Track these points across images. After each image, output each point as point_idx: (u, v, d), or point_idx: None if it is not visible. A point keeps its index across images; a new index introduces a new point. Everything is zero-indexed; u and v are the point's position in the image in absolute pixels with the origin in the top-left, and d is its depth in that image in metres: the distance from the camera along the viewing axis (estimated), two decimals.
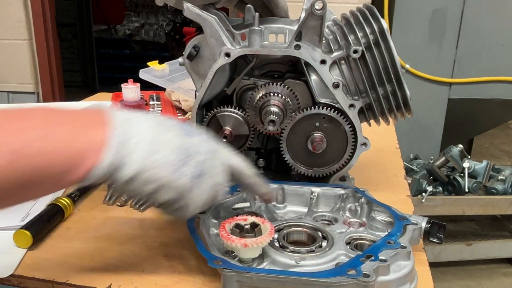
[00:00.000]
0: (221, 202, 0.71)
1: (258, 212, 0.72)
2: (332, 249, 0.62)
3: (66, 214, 0.77)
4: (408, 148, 2.47)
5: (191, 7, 0.76)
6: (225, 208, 0.72)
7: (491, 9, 2.31)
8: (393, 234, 0.61)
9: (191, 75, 0.83)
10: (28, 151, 0.45)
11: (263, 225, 0.61)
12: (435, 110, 2.47)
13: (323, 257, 0.60)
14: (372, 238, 0.65)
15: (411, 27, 2.35)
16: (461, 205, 2.28)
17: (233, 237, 0.57)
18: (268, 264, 0.60)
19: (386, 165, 1.03)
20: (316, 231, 0.67)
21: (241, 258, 0.58)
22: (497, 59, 2.38)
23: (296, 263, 0.59)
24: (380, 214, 0.70)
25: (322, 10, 0.72)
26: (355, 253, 0.61)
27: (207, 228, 0.66)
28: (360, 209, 0.72)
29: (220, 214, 0.71)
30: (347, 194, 0.74)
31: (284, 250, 0.62)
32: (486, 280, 2.41)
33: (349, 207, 0.74)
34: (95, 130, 0.49)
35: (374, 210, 0.70)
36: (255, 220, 0.61)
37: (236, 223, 0.61)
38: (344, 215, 0.73)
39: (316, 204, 0.75)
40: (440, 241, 0.65)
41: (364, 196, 0.72)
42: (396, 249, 0.58)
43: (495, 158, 3.62)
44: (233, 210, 0.72)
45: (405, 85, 0.78)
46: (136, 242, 0.72)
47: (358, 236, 0.66)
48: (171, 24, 4.87)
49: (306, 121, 0.78)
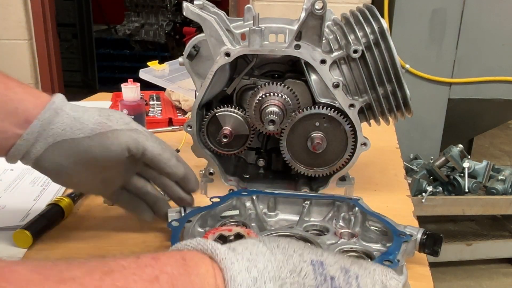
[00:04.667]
0: (209, 210, 0.68)
1: (247, 220, 0.70)
2: None
3: (66, 214, 0.77)
4: (408, 148, 2.47)
5: (191, 6, 0.76)
6: (213, 216, 0.69)
7: (491, 9, 2.31)
8: (391, 253, 0.57)
9: (191, 75, 0.83)
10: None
11: (248, 236, 0.57)
12: (435, 110, 2.47)
13: None
14: (364, 250, 0.62)
15: (411, 27, 2.35)
16: (461, 205, 2.28)
17: None
18: None
19: (386, 165, 1.03)
20: (306, 241, 0.63)
21: None
22: (497, 59, 2.38)
23: None
24: (374, 224, 0.68)
25: (322, 10, 0.72)
26: None
27: (192, 237, 0.63)
28: (354, 218, 0.70)
29: (207, 223, 0.68)
30: (341, 202, 0.72)
31: None
32: (486, 280, 2.41)
33: (343, 216, 0.72)
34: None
35: (369, 220, 0.69)
36: (239, 230, 0.58)
37: (219, 233, 0.58)
38: (337, 225, 0.71)
39: (309, 212, 0.73)
40: (436, 254, 0.63)
41: (357, 206, 0.70)
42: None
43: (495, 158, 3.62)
44: (221, 218, 0.70)
45: (405, 85, 0.78)
46: (136, 242, 0.72)
47: (349, 248, 0.63)
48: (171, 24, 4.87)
49: (306, 121, 0.78)
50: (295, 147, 0.80)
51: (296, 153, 0.81)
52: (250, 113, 0.79)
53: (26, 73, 2.99)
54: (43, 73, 3.03)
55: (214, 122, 0.82)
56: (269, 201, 0.74)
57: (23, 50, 2.95)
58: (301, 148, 0.80)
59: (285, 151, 0.80)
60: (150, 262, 0.37)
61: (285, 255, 0.40)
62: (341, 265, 0.42)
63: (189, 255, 0.40)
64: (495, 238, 2.48)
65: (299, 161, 0.81)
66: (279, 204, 0.75)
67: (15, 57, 2.96)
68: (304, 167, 0.81)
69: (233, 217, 0.70)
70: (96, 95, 1.66)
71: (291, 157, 0.81)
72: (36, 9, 2.89)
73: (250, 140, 0.83)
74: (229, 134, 0.80)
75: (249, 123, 0.81)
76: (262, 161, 0.88)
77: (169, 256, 0.39)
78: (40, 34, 2.94)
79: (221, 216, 0.70)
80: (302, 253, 0.41)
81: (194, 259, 0.39)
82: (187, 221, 0.66)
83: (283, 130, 0.78)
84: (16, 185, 0.90)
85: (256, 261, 0.39)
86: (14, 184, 0.90)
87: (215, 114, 0.81)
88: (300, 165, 0.81)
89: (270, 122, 0.75)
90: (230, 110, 0.80)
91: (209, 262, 0.39)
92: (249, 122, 0.80)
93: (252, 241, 0.42)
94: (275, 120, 0.75)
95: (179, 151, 1.00)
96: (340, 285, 0.40)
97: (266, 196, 0.74)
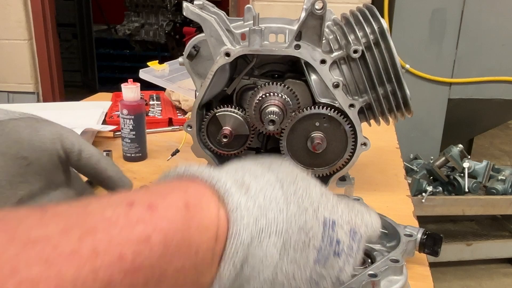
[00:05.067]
0: None
1: None
2: None
3: None
4: (408, 148, 2.47)
5: (191, 6, 0.76)
6: None
7: (491, 9, 2.31)
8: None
9: (191, 75, 0.83)
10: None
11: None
12: (435, 110, 2.47)
13: None
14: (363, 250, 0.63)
15: (411, 27, 2.35)
16: (461, 205, 2.28)
17: None
18: None
19: (386, 165, 1.03)
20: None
21: None
22: (497, 59, 2.38)
23: None
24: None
25: (322, 10, 0.72)
26: None
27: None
28: None
29: None
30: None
31: None
32: (486, 280, 2.41)
33: None
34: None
35: None
36: None
37: None
38: None
39: None
40: (436, 254, 0.63)
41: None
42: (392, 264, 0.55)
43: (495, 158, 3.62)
44: None
45: (405, 85, 0.78)
46: None
47: None
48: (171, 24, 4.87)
49: (306, 121, 0.78)
50: (295, 147, 0.80)
51: (296, 153, 0.81)
52: (250, 113, 0.79)
53: (26, 73, 2.99)
54: (43, 73, 3.03)
55: (214, 122, 0.82)
56: None
57: (23, 50, 2.95)
58: (301, 148, 0.80)
59: (285, 151, 0.80)
60: (144, 215, 0.30)
61: (300, 208, 0.37)
62: (351, 227, 0.39)
63: (194, 198, 0.34)
64: (495, 238, 2.48)
65: (299, 161, 0.81)
66: None
67: (15, 57, 2.96)
68: (304, 167, 0.81)
69: None
70: (96, 95, 1.66)
71: (291, 157, 0.81)
72: (36, 9, 2.89)
73: (250, 140, 0.83)
74: (229, 134, 0.80)
75: (249, 123, 0.81)
76: None
77: (169, 204, 0.32)
78: (40, 34, 2.94)
79: None
80: (317, 208, 0.38)
81: (199, 205, 0.33)
82: None
83: (283, 130, 0.78)
84: None
85: (267, 209, 0.35)
86: None
87: (215, 114, 0.81)
88: (300, 165, 0.81)
89: (270, 122, 0.75)
90: (230, 110, 0.80)
91: (216, 207, 0.34)
92: (249, 122, 0.80)
93: (269, 178, 0.37)
94: (275, 120, 0.75)
95: (179, 151, 1.00)
96: (342, 250, 0.38)
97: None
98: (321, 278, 0.37)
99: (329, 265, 0.37)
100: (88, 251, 0.26)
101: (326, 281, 0.38)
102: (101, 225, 0.28)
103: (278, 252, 0.35)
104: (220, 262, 0.33)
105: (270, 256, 0.35)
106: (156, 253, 0.29)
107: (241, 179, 0.36)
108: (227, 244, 0.33)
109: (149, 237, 0.29)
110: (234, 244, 0.33)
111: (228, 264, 0.33)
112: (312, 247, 0.37)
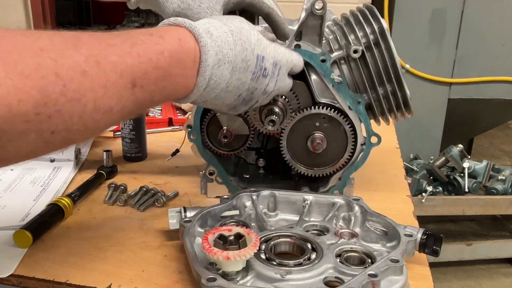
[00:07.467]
0: (209, 210, 0.69)
1: (247, 220, 0.70)
2: (321, 261, 0.59)
3: (66, 214, 0.77)
4: (408, 148, 2.47)
5: None
6: (213, 216, 0.69)
7: (491, 9, 2.31)
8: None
9: None
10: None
11: (248, 236, 0.57)
12: (435, 110, 2.47)
13: (311, 271, 0.57)
14: (363, 250, 0.62)
15: (411, 27, 2.35)
16: (461, 205, 2.28)
17: (215, 249, 0.54)
18: (252, 278, 0.57)
19: (386, 165, 1.03)
20: (306, 242, 0.64)
21: (224, 271, 0.55)
22: (497, 59, 2.38)
23: (282, 277, 0.56)
24: (374, 224, 0.68)
25: (322, 10, 0.72)
26: (345, 266, 0.58)
27: (192, 237, 0.64)
28: (354, 218, 0.70)
29: (207, 223, 0.68)
30: (341, 202, 0.72)
31: (270, 263, 0.59)
32: (486, 280, 2.41)
33: (343, 216, 0.72)
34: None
35: (369, 220, 0.69)
36: (239, 230, 0.58)
37: (219, 234, 0.58)
38: (337, 224, 0.71)
39: (309, 212, 0.73)
40: (436, 254, 0.63)
41: (358, 206, 0.70)
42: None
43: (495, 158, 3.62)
44: (221, 218, 0.70)
45: (405, 85, 0.78)
46: (136, 242, 0.72)
47: (349, 248, 0.63)
48: None
49: (306, 121, 0.78)
50: (295, 147, 0.80)
51: (296, 153, 0.81)
52: (250, 113, 0.79)
53: None
54: None
55: (214, 122, 0.82)
56: (269, 201, 0.74)
57: None
58: (301, 148, 0.80)
59: (285, 151, 0.80)
60: (159, 40, 0.53)
61: (242, 47, 0.59)
62: (274, 60, 0.63)
63: (183, 36, 0.55)
64: (495, 238, 2.48)
65: (299, 161, 0.81)
66: (279, 204, 0.75)
67: None
68: (304, 167, 0.81)
69: (233, 217, 0.70)
70: None
71: (291, 157, 0.81)
72: (36, 9, 2.89)
73: (250, 140, 0.83)
74: (229, 134, 0.80)
75: (249, 123, 0.81)
76: (262, 161, 0.88)
77: (170, 36, 0.54)
78: None
79: (221, 216, 0.70)
80: (253, 48, 0.60)
81: (185, 40, 0.55)
82: (187, 221, 0.66)
83: (283, 130, 0.78)
84: (16, 185, 0.90)
85: (223, 48, 0.57)
86: (14, 184, 0.90)
87: (215, 114, 0.81)
88: (300, 165, 0.81)
89: (270, 122, 0.75)
90: None
91: (194, 43, 0.56)
92: (249, 122, 0.81)
93: (225, 30, 0.58)
94: (275, 120, 0.75)
95: (179, 151, 1.00)
96: (267, 73, 0.62)
97: (266, 196, 0.74)
98: (254, 89, 0.62)
99: (259, 82, 0.62)
100: (136, 53, 0.50)
101: (258, 90, 0.63)
102: (139, 42, 0.51)
103: (229, 73, 0.58)
104: (197, 76, 0.56)
105: (224, 75, 0.58)
106: (166, 61, 0.53)
107: (208, 29, 0.58)
108: (200, 66, 0.56)
109: (163, 52, 0.52)
110: (204, 66, 0.56)
111: (201, 76, 0.56)
112: (249, 71, 0.60)
